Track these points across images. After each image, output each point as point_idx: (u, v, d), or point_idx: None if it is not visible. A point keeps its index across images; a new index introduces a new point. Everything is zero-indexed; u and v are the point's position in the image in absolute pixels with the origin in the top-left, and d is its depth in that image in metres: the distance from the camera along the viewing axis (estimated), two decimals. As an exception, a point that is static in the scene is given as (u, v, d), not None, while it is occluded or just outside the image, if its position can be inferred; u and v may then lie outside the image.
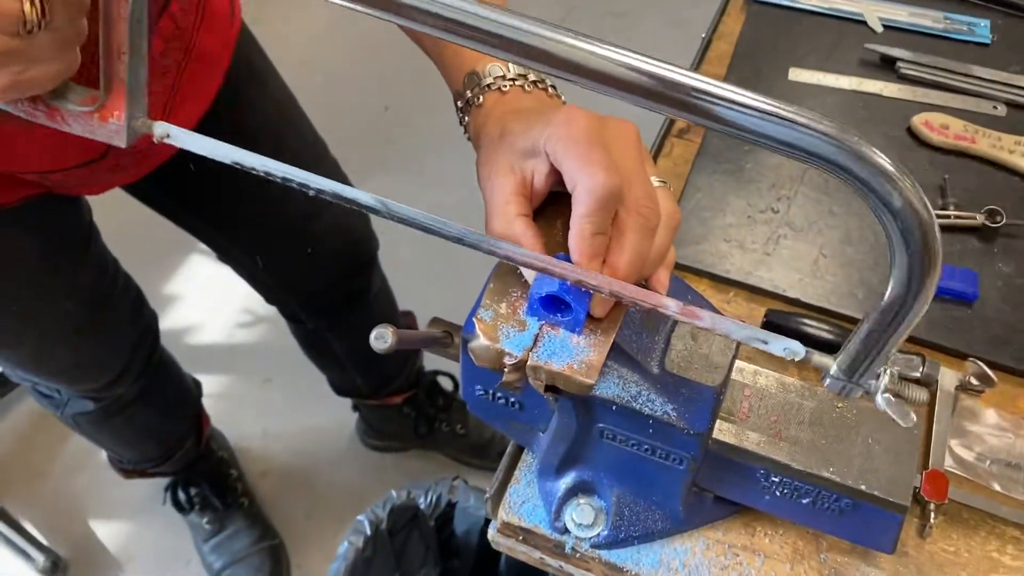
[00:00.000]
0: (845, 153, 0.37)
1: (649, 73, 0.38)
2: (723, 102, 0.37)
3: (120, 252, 1.16)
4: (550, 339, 0.50)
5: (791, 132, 0.37)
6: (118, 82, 0.46)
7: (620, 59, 0.38)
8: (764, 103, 0.37)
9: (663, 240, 0.51)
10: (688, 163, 0.89)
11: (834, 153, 0.37)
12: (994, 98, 0.94)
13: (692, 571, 0.61)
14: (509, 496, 0.64)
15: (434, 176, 2.18)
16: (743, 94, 0.37)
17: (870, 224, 0.83)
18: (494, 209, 0.52)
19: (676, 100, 0.38)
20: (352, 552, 1.06)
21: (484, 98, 0.58)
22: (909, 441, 0.57)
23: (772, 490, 0.58)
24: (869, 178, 0.37)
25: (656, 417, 0.52)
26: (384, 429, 1.70)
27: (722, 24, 1.04)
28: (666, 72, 0.38)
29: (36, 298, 0.94)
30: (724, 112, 0.37)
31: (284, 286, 1.26)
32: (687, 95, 0.38)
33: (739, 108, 0.37)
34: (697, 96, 0.37)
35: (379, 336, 0.51)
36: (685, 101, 0.38)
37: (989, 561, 0.62)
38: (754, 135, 0.38)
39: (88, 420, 1.23)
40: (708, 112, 0.38)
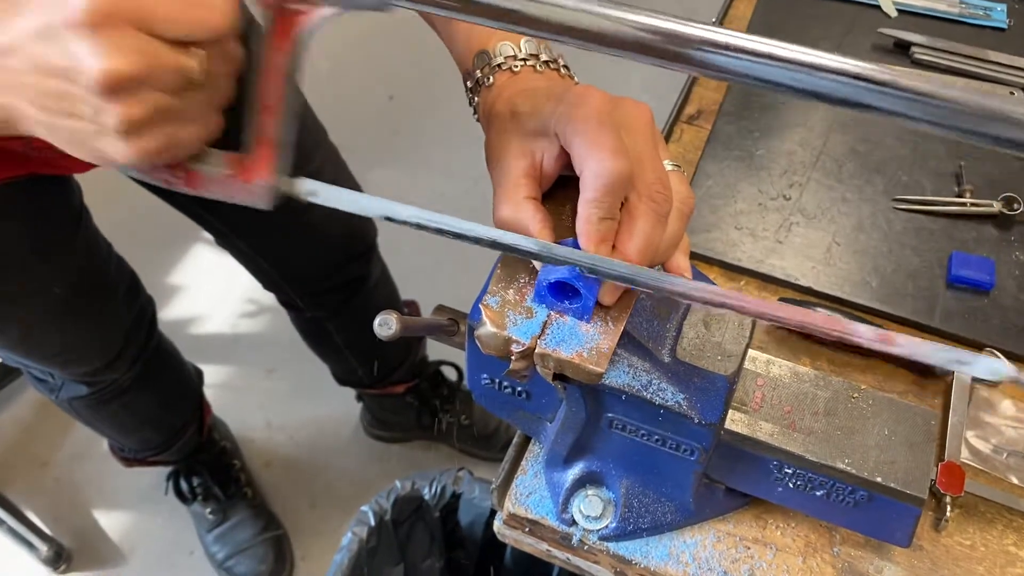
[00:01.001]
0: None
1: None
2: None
3: (123, 241, 1.15)
4: (559, 326, 0.49)
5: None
6: (266, 141, 0.45)
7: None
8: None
9: (675, 226, 0.50)
10: (698, 149, 0.87)
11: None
12: (1011, 84, 0.92)
13: (702, 564, 0.60)
14: (515, 487, 0.63)
15: (439, 166, 2.17)
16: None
17: (883, 211, 0.81)
18: (503, 191, 0.50)
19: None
20: (356, 543, 1.05)
21: (494, 78, 0.57)
22: (925, 432, 0.55)
23: (785, 482, 0.56)
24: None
25: (667, 407, 0.51)
26: (388, 419, 1.69)
27: (732, 8, 1.03)
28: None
29: (24, 280, 0.93)
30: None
31: (282, 272, 1.25)
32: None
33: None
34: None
35: (383, 323, 0.49)
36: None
37: (1006, 555, 0.61)
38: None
39: (83, 405, 1.22)
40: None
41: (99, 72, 0.38)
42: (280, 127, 0.44)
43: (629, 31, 0.37)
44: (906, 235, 0.80)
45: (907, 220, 0.81)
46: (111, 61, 0.38)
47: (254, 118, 0.44)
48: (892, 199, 0.82)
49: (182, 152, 0.45)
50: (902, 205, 0.82)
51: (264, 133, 0.45)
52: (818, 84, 0.36)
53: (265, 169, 0.45)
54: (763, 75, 0.37)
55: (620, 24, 0.37)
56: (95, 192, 1.06)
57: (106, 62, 0.38)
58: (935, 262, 0.77)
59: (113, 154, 0.42)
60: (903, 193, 0.82)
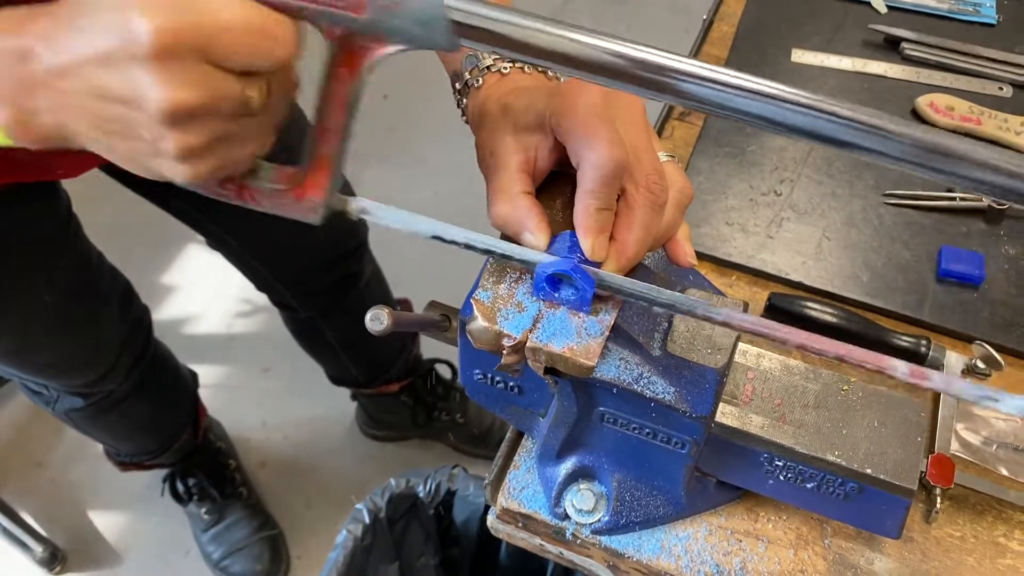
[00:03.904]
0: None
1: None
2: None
3: (116, 243, 1.15)
4: (550, 320, 0.49)
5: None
6: (324, 160, 0.46)
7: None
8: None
9: (672, 215, 0.51)
10: (690, 146, 0.87)
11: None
12: (1000, 79, 0.93)
13: (694, 557, 0.60)
14: (508, 482, 0.63)
15: (433, 165, 2.17)
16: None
17: (873, 206, 0.82)
18: (497, 187, 0.51)
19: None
20: (351, 541, 1.05)
21: (483, 80, 0.57)
22: (916, 425, 0.55)
23: (776, 474, 0.56)
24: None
25: (658, 400, 0.51)
26: (383, 418, 1.69)
27: (724, 5, 1.03)
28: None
29: (13, 290, 0.92)
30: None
31: (274, 272, 1.25)
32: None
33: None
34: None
35: (374, 318, 0.49)
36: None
37: (996, 546, 0.61)
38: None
39: (80, 416, 1.21)
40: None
41: (163, 104, 0.38)
42: (337, 151, 0.45)
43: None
44: (896, 230, 0.80)
45: (897, 215, 0.81)
46: (176, 95, 0.38)
47: (313, 140, 0.45)
48: (882, 194, 0.83)
49: (236, 171, 0.45)
50: (892, 200, 0.82)
51: (322, 154, 0.46)
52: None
53: (319, 187, 0.46)
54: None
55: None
56: (84, 195, 1.06)
57: (171, 96, 0.38)
58: (925, 256, 0.78)
59: (170, 175, 0.42)
60: (893, 188, 0.83)
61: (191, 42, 0.37)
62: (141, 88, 0.38)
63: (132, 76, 0.38)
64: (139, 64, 0.37)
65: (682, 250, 0.53)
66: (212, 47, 0.38)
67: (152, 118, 0.39)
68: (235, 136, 0.42)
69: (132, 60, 0.37)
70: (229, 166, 0.44)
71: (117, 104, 0.39)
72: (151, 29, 0.36)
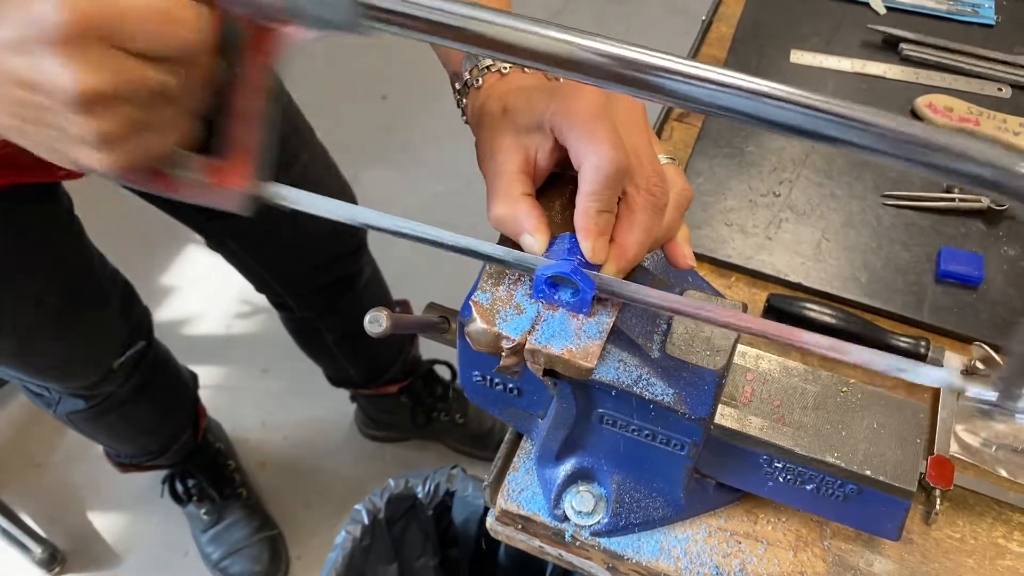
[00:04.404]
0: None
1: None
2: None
3: (115, 244, 1.15)
4: (549, 322, 0.49)
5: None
6: (241, 149, 0.45)
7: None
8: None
9: (672, 217, 0.50)
10: (688, 147, 0.87)
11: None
12: (999, 80, 0.93)
13: (693, 559, 0.60)
14: (508, 484, 0.63)
15: (432, 166, 2.17)
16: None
17: (872, 207, 0.82)
18: (497, 188, 0.51)
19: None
20: (350, 542, 1.05)
21: (483, 79, 0.57)
22: (915, 426, 0.55)
23: (775, 476, 0.56)
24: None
25: (657, 402, 0.51)
26: (382, 419, 1.69)
27: (723, 6, 1.03)
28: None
29: (16, 290, 0.92)
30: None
31: (272, 272, 1.25)
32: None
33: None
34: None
35: (373, 320, 0.49)
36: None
37: (996, 548, 0.61)
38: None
39: (81, 418, 1.21)
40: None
41: (72, 89, 0.38)
42: (256, 137, 0.45)
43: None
44: (895, 231, 0.80)
45: (896, 216, 0.81)
46: (84, 78, 0.38)
47: (230, 127, 0.45)
48: (881, 195, 0.83)
49: (157, 161, 0.45)
50: (891, 201, 0.82)
51: (239, 142, 0.45)
52: (780, 116, 0.37)
53: (241, 176, 0.46)
54: (727, 104, 0.37)
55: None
56: (84, 197, 1.06)
57: (79, 79, 0.38)
58: (924, 257, 0.78)
59: (89, 163, 0.42)
60: (892, 189, 0.83)
61: (99, 28, 0.38)
62: (50, 73, 0.38)
63: (42, 62, 0.38)
64: (48, 49, 0.38)
65: (681, 252, 0.53)
66: (119, 32, 0.38)
67: (63, 103, 0.39)
68: (151, 123, 0.42)
69: (41, 45, 0.38)
70: (148, 155, 0.43)
71: (28, 89, 0.39)
72: (59, 15, 0.37)
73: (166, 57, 0.40)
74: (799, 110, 0.36)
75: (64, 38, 0.37)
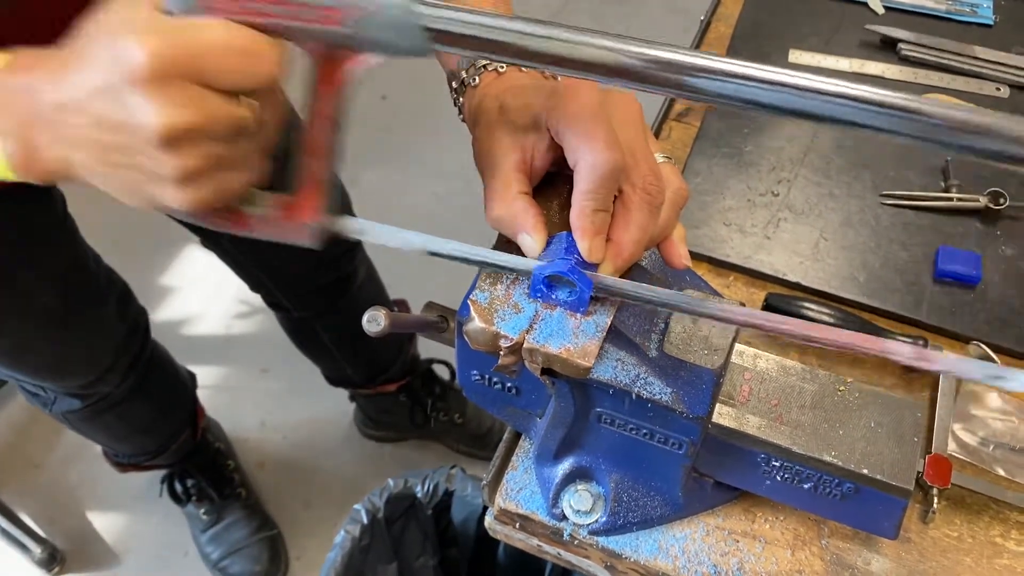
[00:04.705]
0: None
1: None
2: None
3: (113, 244, 1.15)
4: (547, 321, 0.49)
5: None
6: (313, 183, 0.46)
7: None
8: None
9: (667, 216, 0.51)
10: (687, 147, 0.87)
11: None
12: (997, 79, 0.93)
13: (691, 557, 0.60)
14: (506, 483, 0.63)
15: (432, 166, 2.17)
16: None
17: (871, 207, 0.82)
18: (494, 187, 0.51)
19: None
20: (349, 541, 1.05)
21: (480, 78, 0.57)
22: (912, 425, 0.56)
23: (773, 475, 0.57)
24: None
25: (654, 400, 0.51)
26: (381, 419, 1.69)
27: (722, 6, 1.03)
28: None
29: (12, 289, 0.92)
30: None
31: (267, 272, 1.25)
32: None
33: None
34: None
35: (371, 319, 0.49)
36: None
37: (993, 546, 0.61)
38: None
39: (77, 418, 1.21)
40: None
41: (158, 126, 0.39)
42: (326, 170, 0.46)
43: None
44: (893, 230, 0.80)
45: (894, 215, 0.81)
46: (169, 115, 0.39)
47: (302, 161, 0.45)
48: (879, 195, 0.83)
49: (233, 198, 0.46)
50: (889, 200, 0.82)
51: (311, 176, 0.46)
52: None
53: (312, 209, 0.47)
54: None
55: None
56: (80, 196, 1.06)
57: (165, 117, 0.39)
58: (922, 257, 0.78)
59: (169, 201, 0.43)
60: (890, 188, 0.83)
61: (183, 66, 0.39)
62: (136, 112, 0.39)
63: (127, 102, 0.39)
64: (133, 89, 0.39)
65: (676, 251, 0.53)
66: (202, 69, 0.39)
67: (148, 142, 0.40)
68: (230, 159, 0.43)
69: (127, 86, 0.39)
70: (227, 191, 0.44)
71: (115, 131, 0.41)
72: (143, 55, 0.38)
73: (246, 92, 0.41)
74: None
75: (150, 77, 0.38)
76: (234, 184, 0.44)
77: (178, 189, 0.42)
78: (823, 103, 0.37)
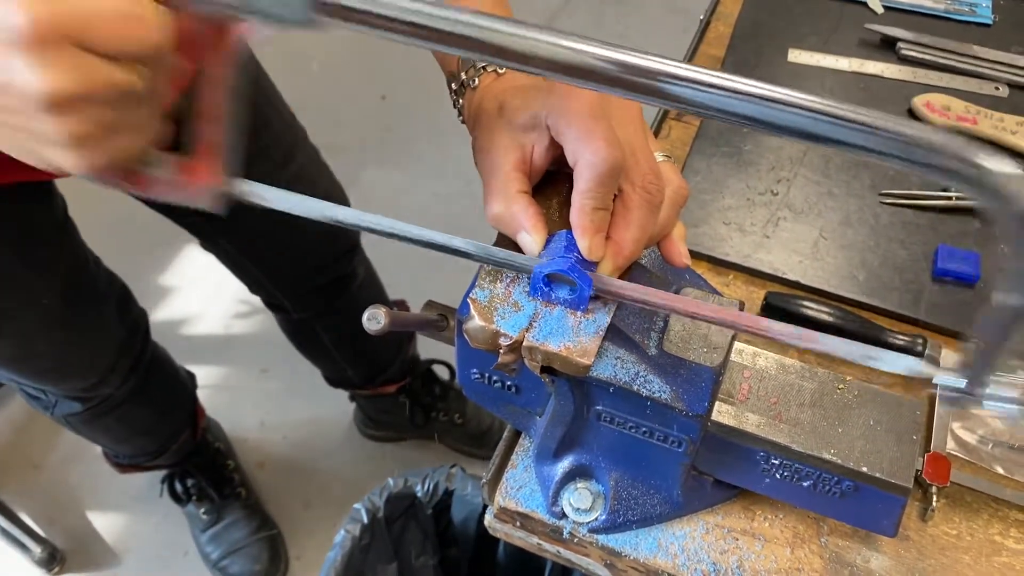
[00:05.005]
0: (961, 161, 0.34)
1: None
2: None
3: (113, 245, 1.15)
4: (546, 319, 0.49)
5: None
6: (208, 147, 0.46)
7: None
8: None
9: (667, 214, 0.51)
10: (686, 146, 0.87)
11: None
12: (996, 79, 0.93)
13: (691, 555, 0.60)
14: (506, 481, 0.63)
15: (431, 166, 2.17)
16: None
17: (870, 206, 0.82)
18: (494, 186, 0.51)
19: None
20: (349, 541, 1.05)
21: (480, 79, 0.57)
22: (911, 423, 0.56)
23: (772, 473, 0.57)
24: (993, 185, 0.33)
25: (654, 399, 0.51)
26: (381, 419, 1.69)
27: (721, 5, 1.03)
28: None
29: (13, 292, 0.92)
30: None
31: (266, 273, 1.25)
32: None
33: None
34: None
35: (371, 317, 0.50)
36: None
37: (992, 545, 0.61)
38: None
39: (78, 420, 1.21)
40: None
41: (40, 90, 0.38)
42: (222, 134, 0.46)
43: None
44: (892, 229, 0.80)
45: (893, 214, 0.81)
46: (51, 79, 0.38)
47: (196, 125, 0.45)
48: (879, 193, 0.83)
49: (128, 161, 0.46)
50: (888, 199, 0.82)
51: (206, 140, 0.46)
52: (776, 117, 0.36)
53: (209, 173, 0.46)
54: (723, 107, 0.37)
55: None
56: (80, 197, 1.06)
57: (46, 81, 0.38)
58: (921, 255, 0.78)
59: (62, 164, 0.43)
60: (889, 187, 0.83)
61: (65, 29, 0.38)
62: (18, 75, 0.39)
63: (9, 64, 0.38)
64: (15, 52, 0.38)
65: (676, 250, 0.53)
66: (85, 33, 0.39)
67: (32, 105, 0.39)
68: (121, 124, 0.43)
69: (8, 48, 0.38)
70: (120, 154, 0.44)
71: (1, 93, 0.40)
72: (25, 18, 0.37)
73: (132, 57, 0.41)
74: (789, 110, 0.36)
75: (30, 40, 0.38)
76: (126, 147, 0.44)
77: (68, 152, 0.42)
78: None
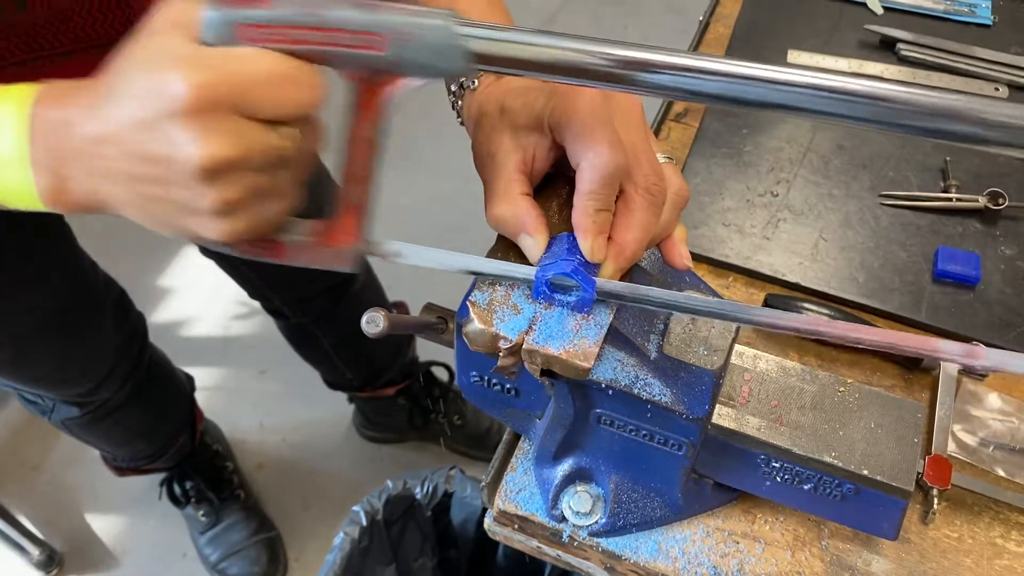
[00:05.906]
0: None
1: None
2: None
3: (112, 247, 1.15)
4: (546, 322, 0.49)
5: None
6: (352, 208, 0.45)
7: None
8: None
9: (669, 216, 0.51)
10: (686, 147, 0.87)
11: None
12: (996, 80, 0.93)
13: (691, 559, 0.60)
14: (505, 484, 0.63)
15: (432, 166, 2.17)
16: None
17: (870, 207, 0.82)
18: (495, 188, 0.51)
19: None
20: (348, 543, 1.04)
21: (479, 81, 0.57)
22: (912, 426, 0.55)
23: (773, 476, 0.56)
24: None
25: (654, 402, 0.51)
26: (380, 421, 1.69)
27: (720, 6, 1.03)
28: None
29: (6, 299, 0.92)
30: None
31: (266, 279, 1.25)
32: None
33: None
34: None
35: (370, 320, 0.49)
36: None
37: (993, 547, 0.61)
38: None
39: (77, 425, 1.21)
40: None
41: (200, 159, 0.38)
42: (365, 194, 0.45)
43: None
44: (892, 230, 0.80)
45: (893, 216, 0.81)
46: (212, 148, 0.38)
47: (341, 185, 0.45)
48: (879, 195, 0.83)
49: (270, 228, 0.45)
50: (888, 201, 0.82)
51: (350, 200, 0.45)
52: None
53: (350, 234, 0.46)
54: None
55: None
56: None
57: (207, 149, 0.38)
58: (921, 257, 0.78)
59: (205, 233, 0.43)
60: (889, 189, 0.83)
61: (224, 97, 0.38)
62: (177, 145, 0.38)
63: (168, 134, 0.38)
64: (174, 122, 0.38)
65: (677, 251, 0.53)
66: (244, 100, 0.39)
67: (189, 174, 0.39)
68: (269, 189, 0.42)
69: (167, 119, 0.38)
70: (265, 221, 0.44)
71: (152, 164, 0.40)
72: (185, 87, 0.37)
73: (286, 121, 0.41)
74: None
75: (192, 110, 0.38)
76: (272, 214, 0.44)
77: (216, 221, 0.42)
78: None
